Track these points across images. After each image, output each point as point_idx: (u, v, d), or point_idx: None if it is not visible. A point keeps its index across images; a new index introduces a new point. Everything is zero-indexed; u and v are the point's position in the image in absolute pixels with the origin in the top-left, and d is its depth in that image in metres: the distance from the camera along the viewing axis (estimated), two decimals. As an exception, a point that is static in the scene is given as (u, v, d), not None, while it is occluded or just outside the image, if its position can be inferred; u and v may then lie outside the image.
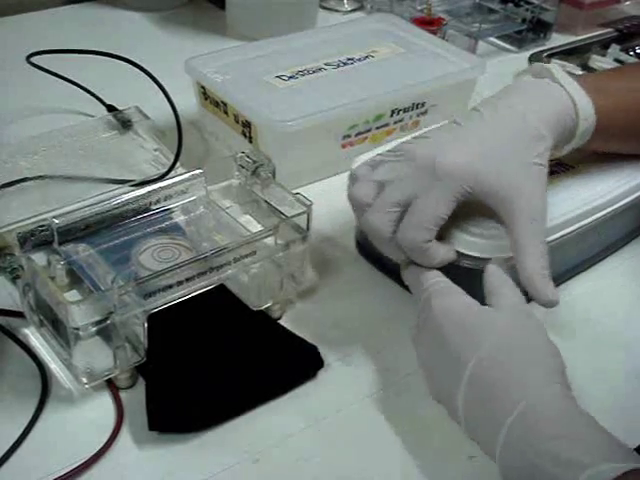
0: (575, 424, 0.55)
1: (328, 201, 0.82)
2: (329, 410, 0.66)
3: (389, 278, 0.78)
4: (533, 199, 0.65)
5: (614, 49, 1.21)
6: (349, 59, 1.01)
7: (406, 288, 0.73)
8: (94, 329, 0.61)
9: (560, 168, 0.78)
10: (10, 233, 0.66)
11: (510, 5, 1.29)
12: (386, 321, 0.74)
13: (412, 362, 0.69)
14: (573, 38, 1.27)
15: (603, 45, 1.23)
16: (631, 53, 1.23)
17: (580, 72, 1.15)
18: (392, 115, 0.94)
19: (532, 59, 1.18)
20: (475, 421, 0.59)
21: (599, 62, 1.18)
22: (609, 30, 1.28)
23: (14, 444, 0.61)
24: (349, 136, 0.92)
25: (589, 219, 0.74)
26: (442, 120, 0.84)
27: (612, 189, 0.76)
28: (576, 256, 0.79)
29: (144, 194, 0.74)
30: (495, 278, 0.65)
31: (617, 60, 1.19)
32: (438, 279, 0.65)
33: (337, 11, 1.35)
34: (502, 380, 0.57)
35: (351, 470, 0.61)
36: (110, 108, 0.97)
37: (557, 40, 1.28)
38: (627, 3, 1.35)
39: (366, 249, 0.81)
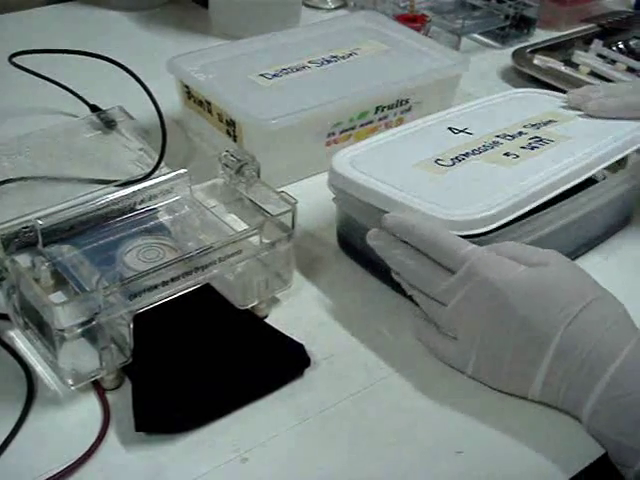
0: None
1: (312, 199, 0.82)
2: (317, 408, 0.65)
3: (371, 274, 0.78)
4: None
5: (597, 44, 1.21)
6: (333, 57, 1.00)
7: (389, 284, 0.74)
8: (79, 330, 0.61)
9: (540, 143, 0.79)
10: (-6, 235, 0.66)
11: (493, 1, 1.29)
12: (371, 318, 0.74)
13: (398, 358, 0.70)
14: (556, 34, 1.27)
15: (586, 40, 1.24)
16: (614, 48, 1.23)
17: (563, 67, 1.15)
18: (376, 112, 0.94)
19: (515, 55, 1.18)
20: (561, 386, 0.63)
21: (582, 57, 1.18)
22: (592, 26, 1.28)
23: (0, 447, 0.60)
24: (333, 134, 0.91)
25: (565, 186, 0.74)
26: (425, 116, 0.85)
27: (582, 159, 0.77)
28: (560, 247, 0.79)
29: (129, 194, 0.73)
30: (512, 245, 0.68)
31: (600, 55, 1.19)
32: (473, 246, 0.66)
33: (321, 9, 1.34)
34: (592, 344, 0.61)
35: (339, 467, 0.61)
36: (94, 108, 0.97)
37: (540, 36, 1.28)
38: (608, -1, 1.36)
39: (349, 246, 0.81)
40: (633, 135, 0.81)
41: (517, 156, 0.76)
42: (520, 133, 0.81)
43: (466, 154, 0.77)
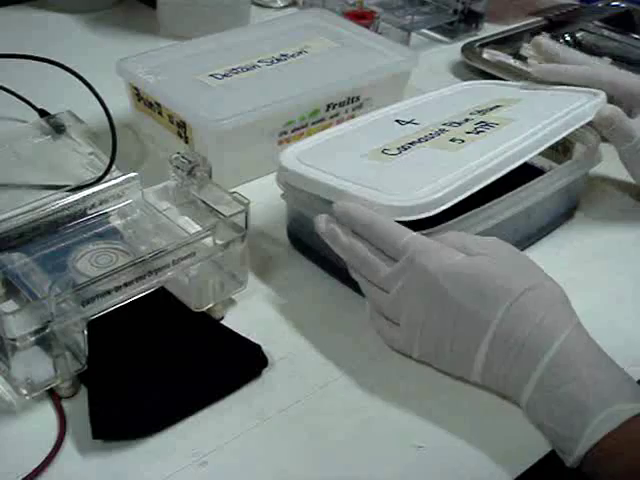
0: (593, 364, 0.61)
1: (266, 198, 0.82)
2: (275, 408, 0.65)
3: (323, 270, 0.78)
4: None
5: (544, 37, 1.22)
6: (283, 55, 1.00)
7: (340, 279, 0.74)
8: (32, 339, 0.60)
9: (485, 127, 0.79)
10: (-58, 245, 0.65)
11: (441, -3, 1.30)
12: (326, 316, 0.74)
13: (354, 356, 0.70)
14: (504, 28, 1.28)
15: (533, 33, 1.25)
16: (561, 40, 1.24)
17: (512, 61, 1.16)
18: (328, 110, 0.94)
19: (465, 49, 1.19)
20: (499, 373, 0.64)
21: (530, 50, 1.18)
22: (539, 19, 1.29)
23: (-44, 460, 0.60)
24: (285, 132, 0.91)
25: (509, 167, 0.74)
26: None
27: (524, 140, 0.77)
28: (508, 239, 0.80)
29: (79, 199, 0.73)
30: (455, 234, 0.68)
31: (547, 48, 1.20)
32: (413, 234, 0.66)
33: (270, 7, 1.34)
34: (527, 332, 0.62)
35: (300, 467, 0.61)
36: (42, 113, 0.96)
37: (489, 30, 1.29)
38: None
39: (299, 242, 0.81)
40: (575, 113, 0.81)
41: (462, 141, 0.76)
42: (466, 120, 0.81)
43: (412, 142, 0.77)
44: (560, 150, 0.88)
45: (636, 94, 0.83)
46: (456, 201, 0.69)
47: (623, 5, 1.33)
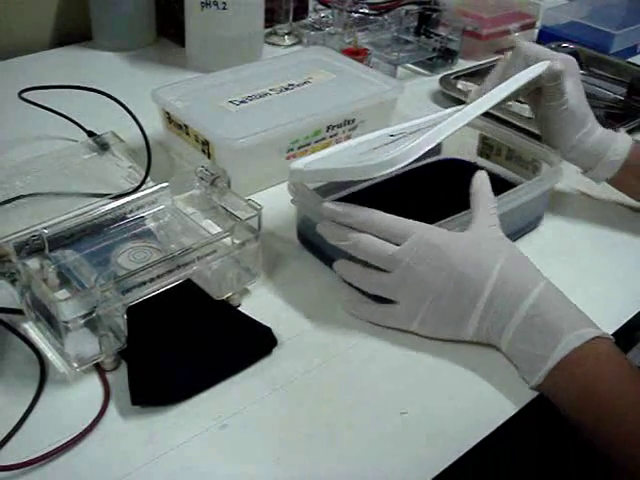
0: (564, 303, 0.65)
1: (276, 204, 0.82)
2: (284, 380, 0.65)
3: (326, 265, 0.78)
4: None
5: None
6: (290, 85, 1.00)
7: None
8: (81, 321, 0.60)
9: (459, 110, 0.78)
10: (8, 243, 0.65)
11: (422, 37, 1.29)
12: (326, 304, 0.74)
13: (350, 336, 0.70)
14: (475, 63, 1.27)
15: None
16: (520, 73, 1.24)
17: (481, 90, 1.15)
18: (328, 130, 0.94)
19: (442, 81, 1.19)
20: (489, 324, 0.66)
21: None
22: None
23: (20, 420, 0.60)
24: (292, 149, 0.91)
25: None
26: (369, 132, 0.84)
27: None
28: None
29: (120, 205, 0.73)
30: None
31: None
32: (411, 221, 0.67)
33: (279, 45, 1.34)
34: (514, 285, 0.65)
35: (304, 427, 0.61)
36: (90, 134, 0.96)
37: (462, 65, 1.28)
38: (516, 34, 1.37)
39: (307, 242, 0.81)
40: (524, 72, 0.81)
41: (439, 123, 0.76)
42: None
43: (398, 139, 0.76)
44: (530, 169, 0.88)
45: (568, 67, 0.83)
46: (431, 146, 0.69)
47: (572, 46, 1.33)
